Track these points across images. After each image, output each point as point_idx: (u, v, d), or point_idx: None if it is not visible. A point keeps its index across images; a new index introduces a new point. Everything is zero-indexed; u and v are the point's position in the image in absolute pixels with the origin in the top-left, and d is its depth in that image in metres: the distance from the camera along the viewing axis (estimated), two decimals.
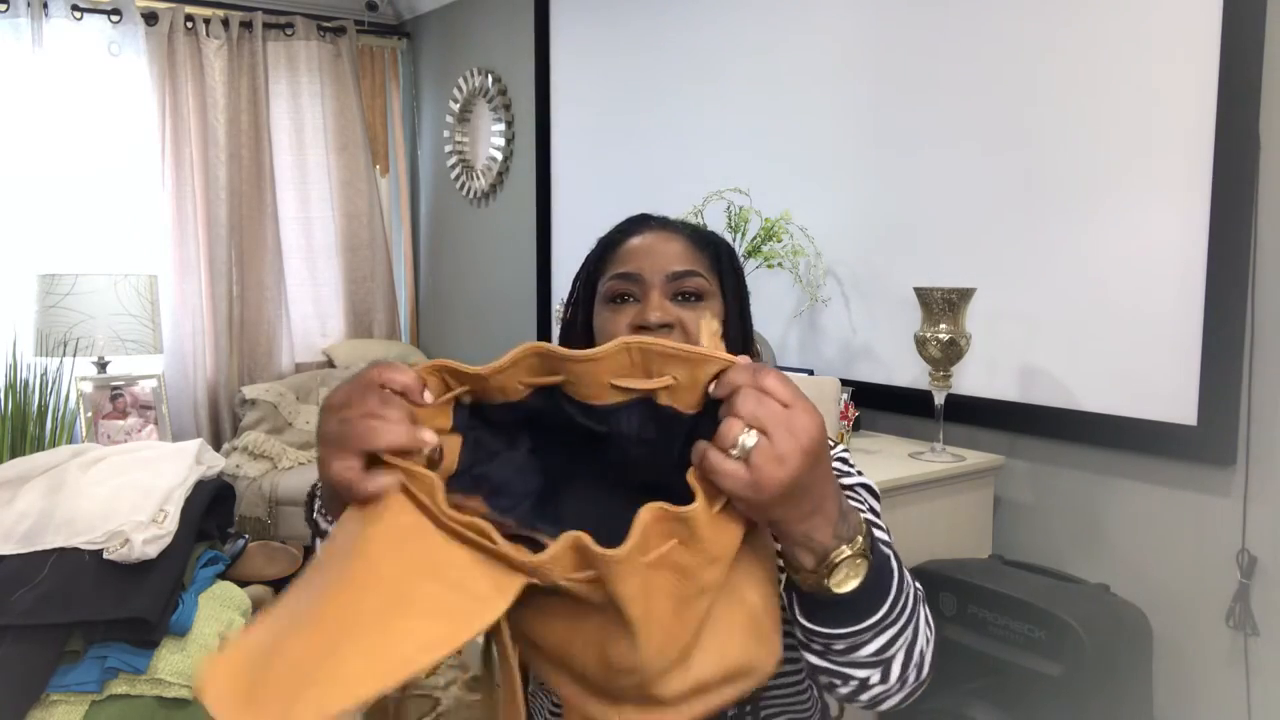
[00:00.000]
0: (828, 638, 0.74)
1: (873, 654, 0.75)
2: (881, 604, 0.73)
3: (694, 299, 0.96)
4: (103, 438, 3.47)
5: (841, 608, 0.71)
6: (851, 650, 0.75)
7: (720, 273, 1.02)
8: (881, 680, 0.77)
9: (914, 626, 0.77)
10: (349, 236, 4.46)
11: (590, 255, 1.06)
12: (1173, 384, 1.85)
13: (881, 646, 0.75)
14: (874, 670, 0.76)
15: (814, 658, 0.77)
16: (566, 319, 1.06)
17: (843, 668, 0.76)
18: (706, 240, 1.03)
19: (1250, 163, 1.72)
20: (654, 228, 1.02)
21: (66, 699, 1.20)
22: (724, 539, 0.65)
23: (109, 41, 3.92)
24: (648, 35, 3.11)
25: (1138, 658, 1.77)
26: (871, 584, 0.71)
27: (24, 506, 1.33)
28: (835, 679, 0.78)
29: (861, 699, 0.79)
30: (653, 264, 0.97)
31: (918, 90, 2.29)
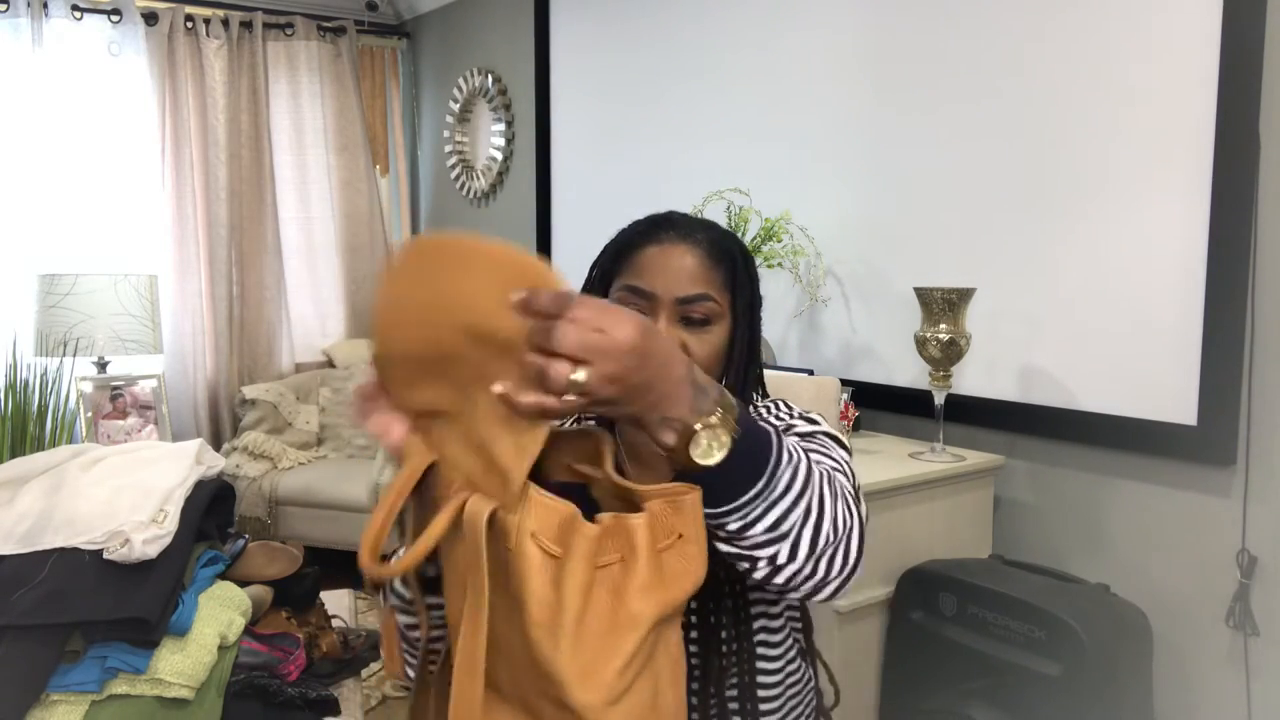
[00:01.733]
0: (716, 517, 0.76)
1: (768, 529, 0.76)
2: (758, 477, 0.75)
3: (701, 323, 0.98)
4: (103, 438, 3.47)
5: (719, 482, 0.73)
6: (745, 528, 0.76)
7: (734, 288, 1.02)
8: (790, 558, 0.78)
9: (814, 504, 0.79)
10: (349, 236, 4.46)
11: (608, 249, 1.06)
12: (1173, 384, 1.85)
13: (775, 521, 0.76)
14: (777, 546, 0.77)
15: (720, 545, 0.79)
16: None
17: (745, 550, 0.78)
18: (723, 252, 1.03)
19: (1250, 163, 1.72)
20: (673, 237, 1.02)
21: (66, 699, 1.20)
22: (660, 575, 0.71)
23: (109, 41, 3.92)
24: (648, 35, 3.11)
25: (1138, 658, 1.77)
26: (744, 456, 0.73)
27: (24, 506, 1.33)
28: (743, 561, 0.79)
29: (778, 581, 0.80)
30: (665, 283, 0.98)
31: (918, 91, 2.29)
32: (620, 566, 0.71)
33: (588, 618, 0.69)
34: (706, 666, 0.96)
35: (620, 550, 0.71)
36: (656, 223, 1.06)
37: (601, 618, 0.69)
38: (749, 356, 1.03)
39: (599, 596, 0.70)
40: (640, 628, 0.70)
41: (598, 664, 0.68)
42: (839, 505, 0.82)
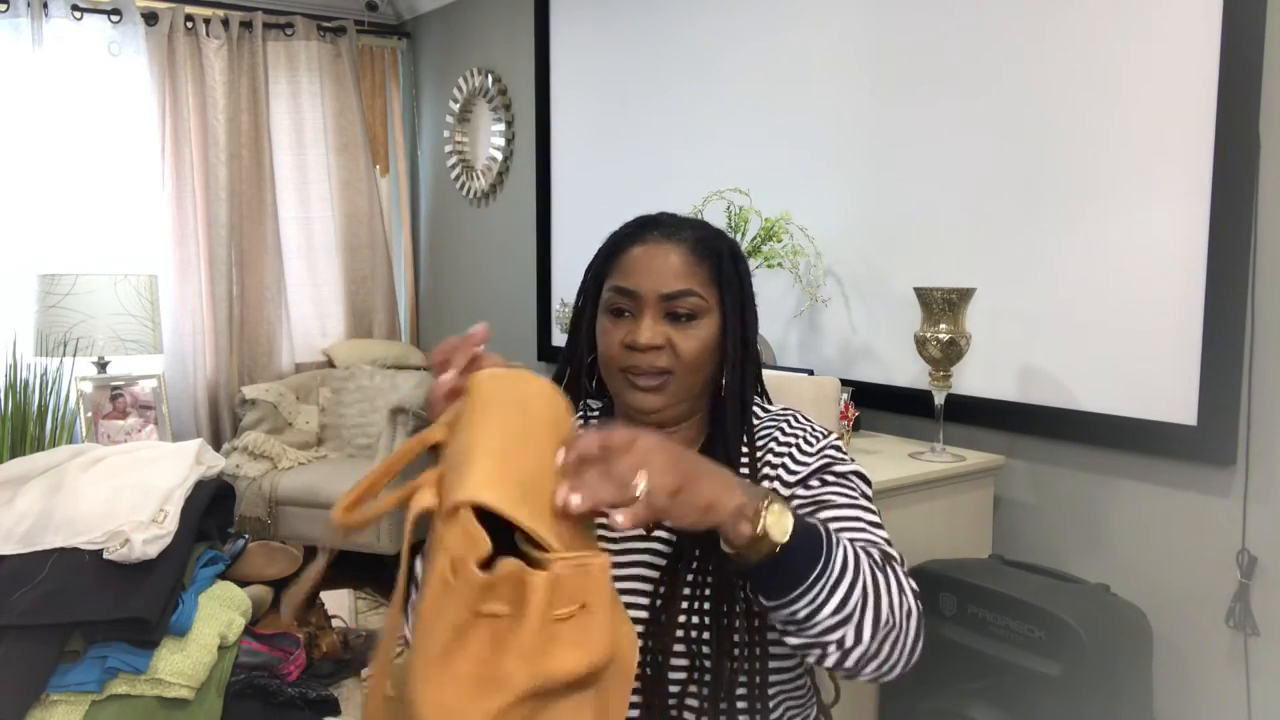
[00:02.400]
0: (789, 604, 0.80)
1: (834, 611, 0.80)
2: (818, 557, 0.80)
3: (687, 319, 1.00)
4: (103, 438, 3.47)
5: (786, 565, 0.79)
6: (814, 613, 0.80)
7: (721, 283, 1.03)
8: (855, 640, 0.82)
9: (870, 585, 0.83)
10: (349, 236, 4.46)
11: (599, 252, 1.09)
12: (1173, 384, 1.85)
13: (839, 603, 0.80)
14: (843, 630, 0.81)
15: (792, 638, 0.83)
16: (577, 308, 1.11)
17: (815, 638, 0.82)
18: (709, 248, 1.04)
19: (1250, 163, 1.72)
20: (658, 236, 1.04)
21: (66, 699, 1.20)
22: (546, 644, 0.67)
23: (109, 41, 3.92)
24: (648, 35, 3.11)
25: (1138, 658, 1.77)
26: (802, 537, 0.79)
27: (24, 506, 1.33)
28: (815, 649, 0.83)
29: (848, 665, 0.83)
30: (650, 282, 1.00)
31: (918, 90, 2.29)
32: (508, 621, 0.67)
33: (457, 659, 0.67)
34: (718, 669, 0.96)
35: (511, 604, 0.67)
36: (643, 223, 1.08)
37: (472, 666, 0.67)
38: (743, 354, 1.04)
39: (477, 642, 0.67)
40: (506, 692, 0.66)
41: (457, 713, 0.66)
42: (893, 587, 0.86)
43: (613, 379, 1.03)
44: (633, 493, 0.72)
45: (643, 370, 0.99)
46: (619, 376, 1.02)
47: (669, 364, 0.99)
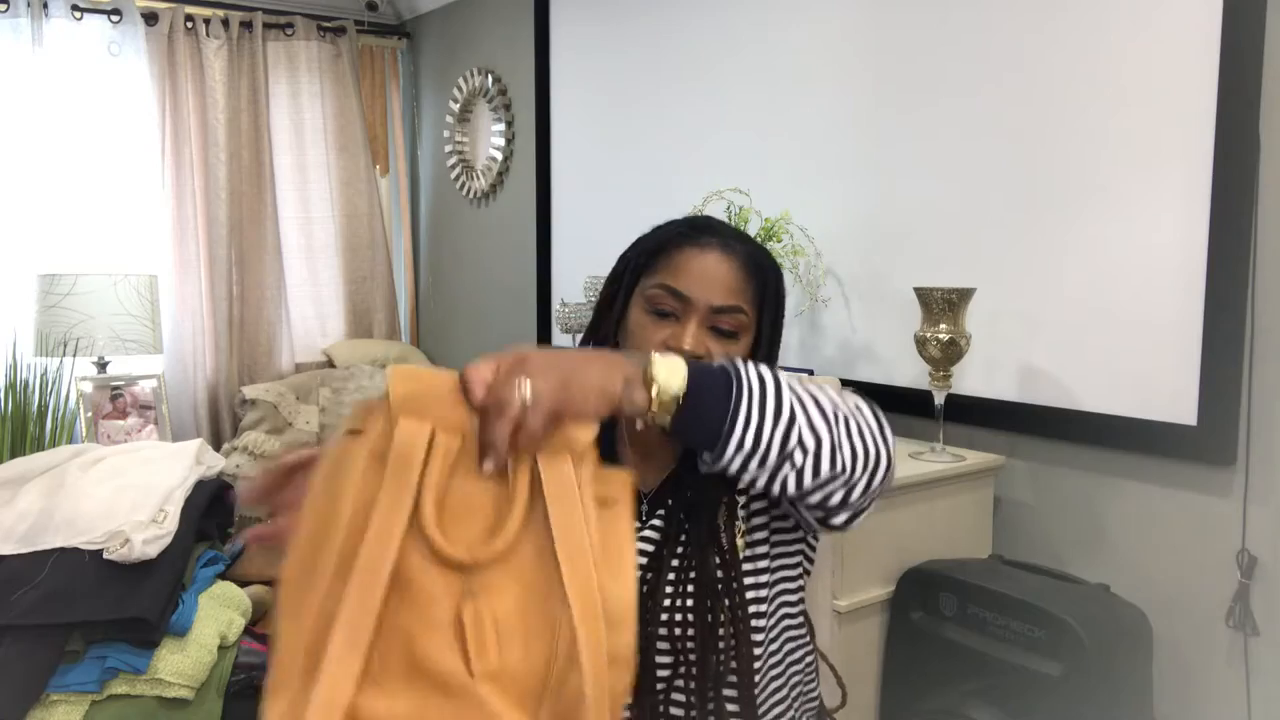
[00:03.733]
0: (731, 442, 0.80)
1: (774, 421, 0.81)
2: (729, 380, 0.81)
3: (730, 335, 1.00)
4: (103, 438, 3.47)
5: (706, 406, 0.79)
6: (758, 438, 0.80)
7: (762, 304, 1.03)
8: (814, 442, 0.83)
9: (802, 390, 0.86)
10: (349, 236, 4.46)
11: (643, 245, 1.06)
12: (1173, 384, 1.85)
13: (775, 411, 0.81)
14: (793, 436, 0.82)
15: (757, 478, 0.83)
16: (608, 295, 1.08)
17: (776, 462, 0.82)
18: (758, 266, 1.04)
19: (1250, 163, 1.72)
20: (714, 243, 1.03)
21: (66, 699, 1.20)
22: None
23: (109, 41, 3.92)
24: (648, 35, 3.11)
25: (1138, 658, 1.77)
26: (705, 371, 0.80)
27: (24, 506, 1.33)
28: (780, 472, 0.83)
29: (822, 474, 0.84)
30: (702, 290, 0.99)
31: (918, 90, 2.29)
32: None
33: None
34: (703, 663, 0.96)
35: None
36: (697, 226, 1.06)
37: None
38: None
39: None
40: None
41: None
42: (834, 400, 0.87)
43: None
44: (520, 405, 0.70)
45: None
46: None
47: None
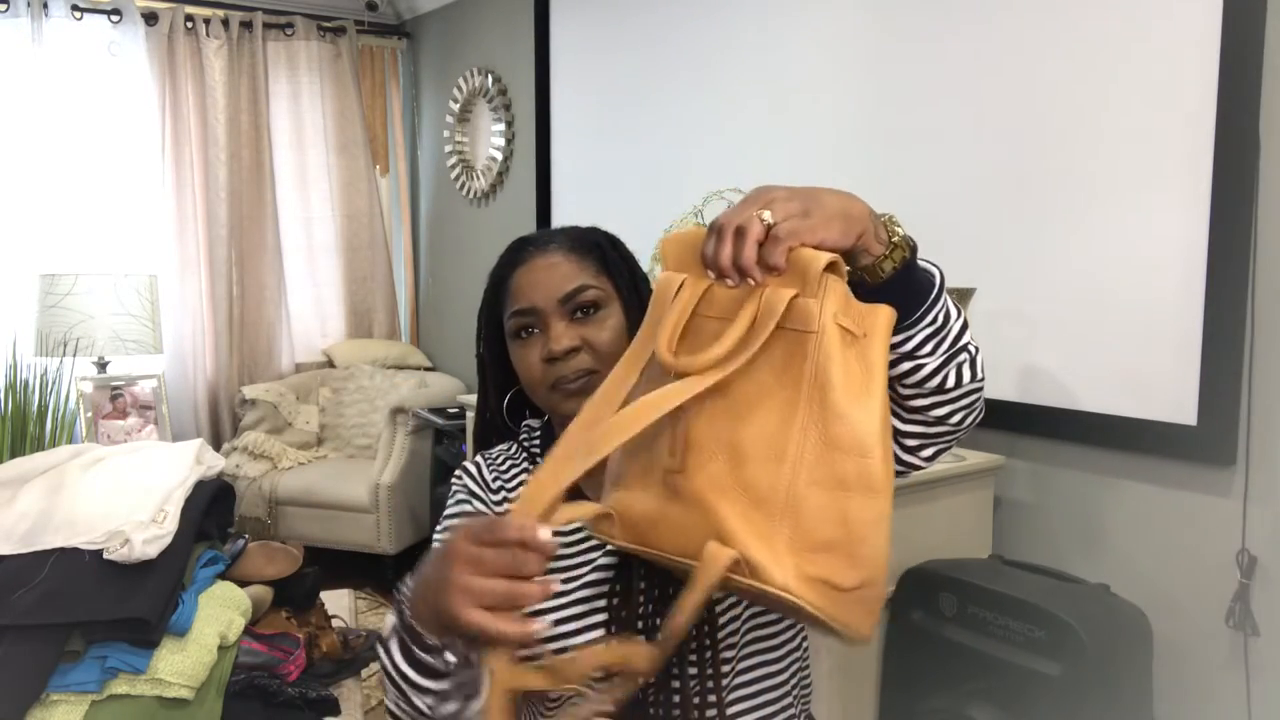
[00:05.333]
0: (932, 310, 0.87)
1: (958, 313, 0.90)
2: (935, 275, 0.89)
3: (591, 310, 1.00)
4: (103, 438, 3.47)
5: (917, 272, 0.88)
6: (947, 318, 0.88)
7: (609, 270, 1.04)
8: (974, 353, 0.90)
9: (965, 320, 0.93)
10: (349, 236, 4.46)
11: (486, 293, 1.10)
12: (1173, 384, 1.85)
13: (956, 308, 0.90)
14: (967, 334, 0.90)
15: (932, 357, 0.87)
16: (480, 355, 1.11)
17: (954, 345, 0.88)
18: (586, 243, 1.05)
19: (1250, 163, 1.72)
20: (533, 252, 1.05)
21: (66, 699, 1.20)
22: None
23: (109, 41, 3.92)
24: (648, 35, 3.11)
25: (1138, 658, 1.77)
26: (920, 263, 0.89)
27: (24, 506, 1.33)
28: (957, 357, 0.88)
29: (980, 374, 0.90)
30: (543, 293, 1.00)
31: (918, 90, 2.29)
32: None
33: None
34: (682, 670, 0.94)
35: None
36: (514, 248, 1.09)
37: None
38: None
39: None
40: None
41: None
42: None
43: (544, 398, 1.02)
44: (759, 226, 0.75)
45: (569, 377, 0.98)
46: (548, 394, 1.00)
47: (591, 362, 0.99)
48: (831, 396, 0.73)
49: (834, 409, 0.73)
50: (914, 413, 0.89)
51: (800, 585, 0.71)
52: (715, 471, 0.74)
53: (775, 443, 0.74)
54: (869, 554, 0.73)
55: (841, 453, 0.73)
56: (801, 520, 0.72)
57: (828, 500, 0.73)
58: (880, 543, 0.74)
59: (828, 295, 0.75)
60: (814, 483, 0.73)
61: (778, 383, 0.75)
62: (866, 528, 0.73)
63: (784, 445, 0.74)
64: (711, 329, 0.78)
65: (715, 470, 0.74)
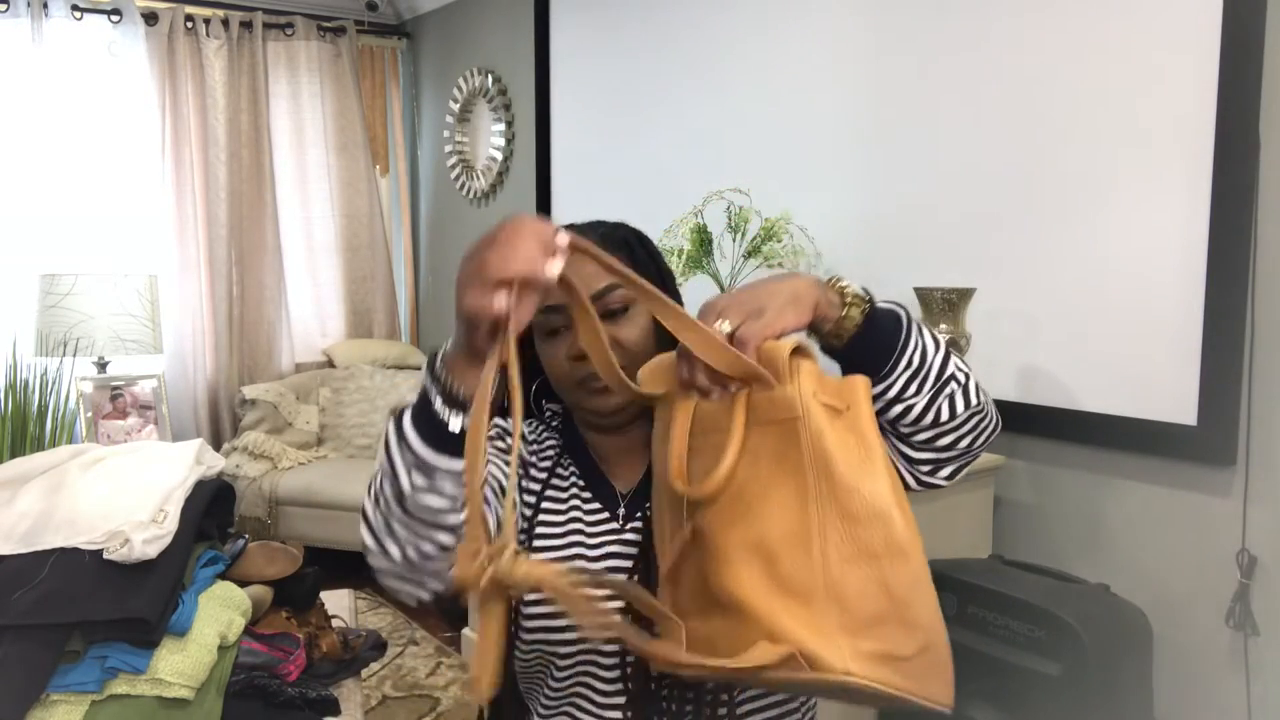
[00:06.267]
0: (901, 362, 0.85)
1: (935, 349, 0.87)
2: (896, 311, 0.87)
3: (621, 311, 1.01)
4: (103, 438, 3.47)
5: (881, 325, 0.86)
6: (923, 358, 0.86)
7: (639, 271, 1.03)
8: (965, 376, 0.90)
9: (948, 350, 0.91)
10: (349, 236, 4.46)
11: None
12: (1173, 384, 1.85)
13: (934, 343, 0.88)
14: (951, 365, 0.88)
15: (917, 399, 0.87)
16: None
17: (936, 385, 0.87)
18: (617, 241, 1.05)
19: (1250, 163, 1.72)
20: None
21: (66, 699, 1.20)
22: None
23: (109, 41, 3.92)
24: (648, 35, 3.11)
25: (1138, 658, 1.77)
26: (882, 307, 0.87)
27: (24, 506, 1.33)
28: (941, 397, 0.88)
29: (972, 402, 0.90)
30: None
31: (917, 91, 2.29)
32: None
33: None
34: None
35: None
36: None
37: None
38: None
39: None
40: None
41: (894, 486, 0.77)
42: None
43: (569, 394, 1.02)
44: (722, 337, 0.78)
45: (596, 375, 0.97)
46: (575, 390, 1.01)
47: (619, 360, 0.99)
48: (837, 472, 0.75)
49: (842, 484, 0.75)
50: (920, 446, 0.91)
51: (862, 665, 0.72)
52: (750, 577, 0.76)
53: (798, 532, 0.75)
54: (919, 616, 0.74)
55: (862, 525, 0.74)
56: (846, 601, 0.73)
57: (865, 574, 0.74)
58: (927, 601, 0.75)
59: (802, 379, 0.78)
60: (845, 560, 0.74)
61: (781, 473, 0.77)
62: (909, 591, 0.74)
63: (807, 532, 0.75)
64: (712, 442, 0.81)
65: (750, 576, 0.76)
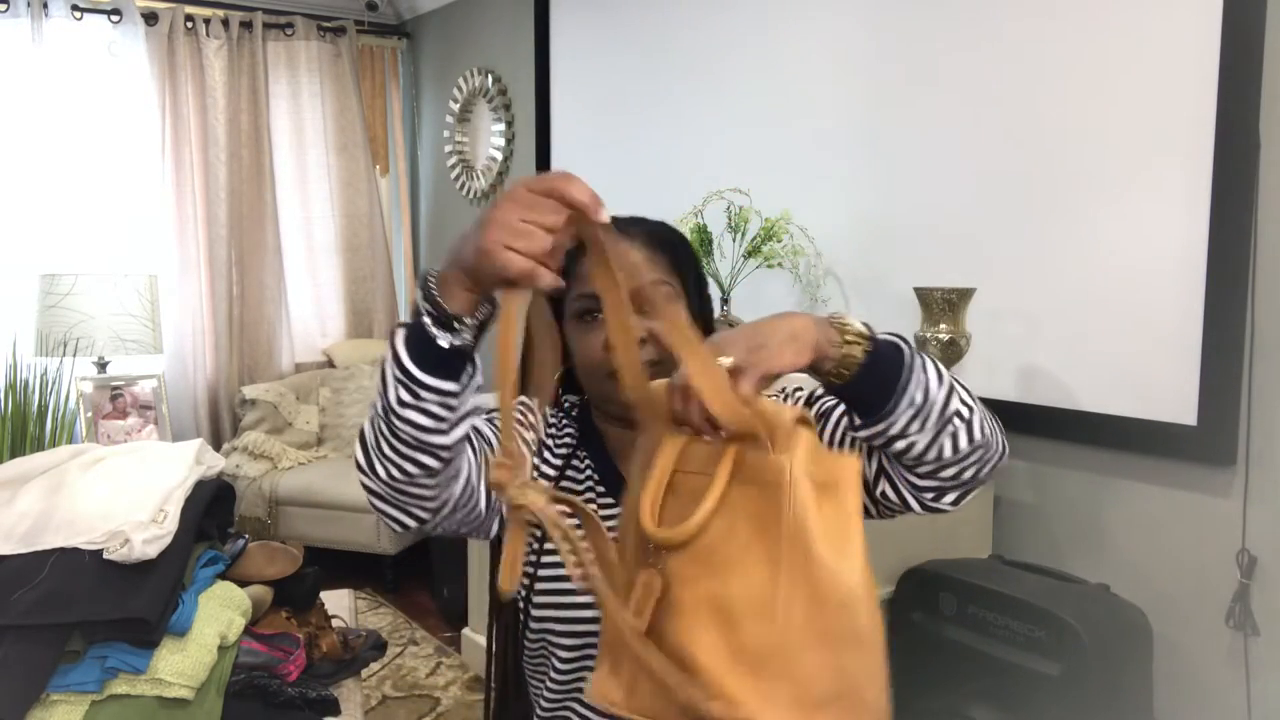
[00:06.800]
0: (902, 401, 0.83)
1: (939, 384, 0.85)
2: (898, 344, 0.86)
3: None
4: (103, 438, 3.47)
5: (884, 362, 0.84)
6: (926, 395, 0.84)
7: (680, 270, 1.05)
8: (970, 411, 0.87)
9: (946, 371, 0.89)
10: (349, 236, 4.46)
11: None
12: (1173, 384, 1.85)
13: (938, 377, 0.86)
14: (956, 402, 0.86)
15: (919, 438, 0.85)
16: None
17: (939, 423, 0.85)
18: (661, 239, 1.06)
19: (1250, 163, 1.72)
20: None
21: (66, 699, 1.20)
22: None
23: (109, 41, 3.92)
24: (648, 35, 3.11)
25: (1138, 658, 1.77)
26: (885, 343, 0.85)
27: (24, 506, 1.33)
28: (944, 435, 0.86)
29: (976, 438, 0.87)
30: None
31: (917, 91, 2.29)
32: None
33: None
34: None
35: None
36: None
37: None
38: (706, 331, 1.05)
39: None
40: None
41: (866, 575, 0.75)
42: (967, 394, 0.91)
43: (599, 384, 1.02)
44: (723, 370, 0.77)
45: None
46: (605, 381, 1.00)
47: (655, 354, 0.99)
48: (814, 549, 0.73)
49: (817, 560, 0.73)
50: (924, 476, 0.90)
51: None
52: (707, 636, 0.75)
53: (764, 601, 0.74)
54: (870, 701, 0.74)
55: (830, 609, 0.73)
56: (800, 679, 0.73)
57: (823, 658, 0.73)
58: (880, 693, 0.74)
59: (797, 448, 0.76)
60: (806, 639, 0.73)
61: (756, 537, 0.75)
62: (864, 679, 0.74)
63: (772, 603, 0.74)
64: (690, 485, 0.79)
65: (707, 635, 0.75)
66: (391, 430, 0.80)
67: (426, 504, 0.86)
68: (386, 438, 0.81)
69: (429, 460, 0.82)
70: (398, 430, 0.80)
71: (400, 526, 0.89)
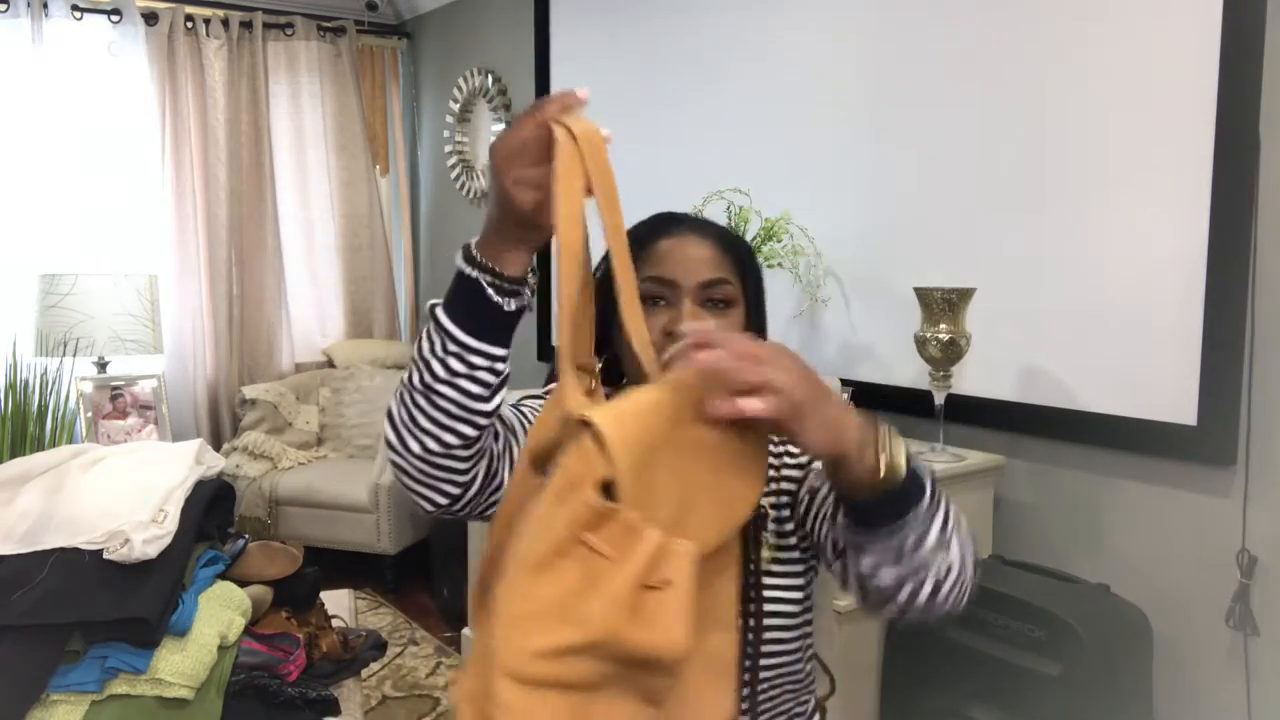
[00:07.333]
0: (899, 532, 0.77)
1: (939, 533, 0.79)
2: (925, 477, 0.79)
3: (723, 305, 1.03)
4: (103, 438, 3.47)
5: (903, 494, 0.77)
6: (920, 540, 0.78)
7: (744, 274, 1.06)
8: (957, 566, 0.81)
9: (954, 511, 0.83)
10: (349, 236, 4.46)
11: None
12: (1173, 384, 1.85)
13: (940, 526, 0.79)
14: (945, 555, 0.79)
15: (889, 570, 0.79)
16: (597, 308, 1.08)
17: (917, 566, 0.79)
18: (731, 243, 1.08)
19: (1250, 163, 1.72)
20: (686, 230, 1.06)
21: (66, 699, 1.20)
22: (632, 606, 0.67)
23: (109, 41, 3.93)
24: (648, 35, 3.11)
25: (1138, 658, 1.77)
26: (916, 475, 0.78)
27: (24, 506, 1.33)
28: (914, 578, 0.79)
29: (943, 592, 0.81)
30: (686, 270, 1.02)
31: (918, 91, 2.29)
32: (606, 564, 0.66)
33: (548, 577, 0.66)
34: None
35: (617, 549, 0.66)
36: (665, 219, 1.10)
37: (557, 592, 0.66)
38: (762, 339, 1.05)
39: (569, 569, 0.66)
40: (583, 633, 0.65)
41: (527, 627, 0.65)
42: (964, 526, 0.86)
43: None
44: (763, 379, 0.70)
45: None
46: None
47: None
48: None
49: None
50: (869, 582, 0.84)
51: None
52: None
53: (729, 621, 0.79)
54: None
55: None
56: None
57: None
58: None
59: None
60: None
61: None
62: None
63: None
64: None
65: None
66: (431, 403, 0.83)
67: (458, 479, 0.87)
68: (425, 410, 0.84)
69: (467, 429, 0.84)
70: (438, 402, 0.83)
71: (430, 505, 0.89)
